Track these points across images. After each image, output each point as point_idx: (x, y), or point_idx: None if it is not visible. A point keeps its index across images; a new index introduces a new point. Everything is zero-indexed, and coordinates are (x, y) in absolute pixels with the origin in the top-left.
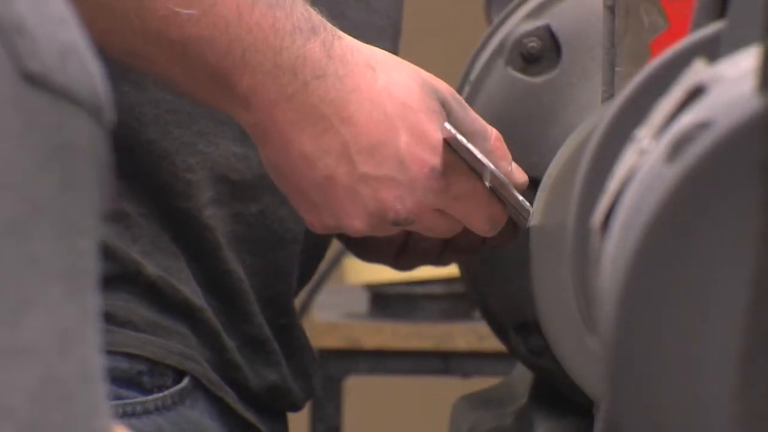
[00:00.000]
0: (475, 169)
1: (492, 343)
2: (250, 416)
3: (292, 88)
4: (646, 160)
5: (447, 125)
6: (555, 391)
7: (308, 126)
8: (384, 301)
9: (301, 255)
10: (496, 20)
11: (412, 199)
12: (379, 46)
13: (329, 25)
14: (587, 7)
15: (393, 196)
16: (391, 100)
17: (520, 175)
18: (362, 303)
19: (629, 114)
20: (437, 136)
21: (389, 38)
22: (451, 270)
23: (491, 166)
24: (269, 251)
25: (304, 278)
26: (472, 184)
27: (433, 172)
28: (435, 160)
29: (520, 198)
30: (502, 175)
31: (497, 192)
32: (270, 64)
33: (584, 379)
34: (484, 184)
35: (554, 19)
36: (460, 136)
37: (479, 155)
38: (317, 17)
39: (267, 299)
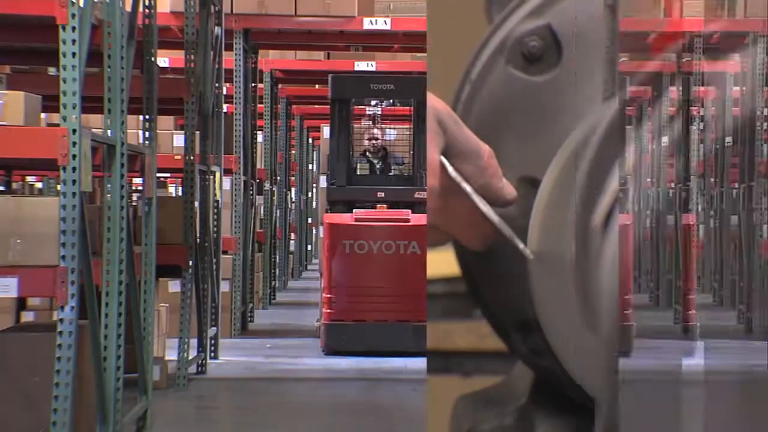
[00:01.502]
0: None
1: (492, 342)
2: None
3: None
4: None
5: (443, 159)
6: (555, 390)
7: None
8: None
9: None
10: (496, 19)
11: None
12: None
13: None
14: (588, 6)
15: None
16: None
17: (510, 192)
18: None
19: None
20: (436, 158)
21: None
22: (452, 269)
23: (481, 204)
24: None
25: None
26: (467, 205)
27: (431, 192)
28: (433, 181)
29: (513, 235)
30: (490, 211)
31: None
32: None
33: (584, 378)
34: (478, 206)
35: (555, 18)
36: (454, 173)
37: (470, 191)
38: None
39: None
